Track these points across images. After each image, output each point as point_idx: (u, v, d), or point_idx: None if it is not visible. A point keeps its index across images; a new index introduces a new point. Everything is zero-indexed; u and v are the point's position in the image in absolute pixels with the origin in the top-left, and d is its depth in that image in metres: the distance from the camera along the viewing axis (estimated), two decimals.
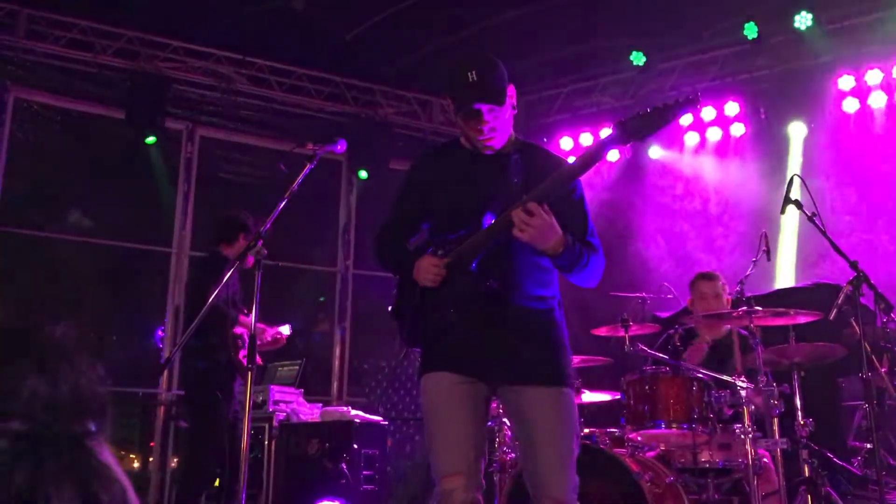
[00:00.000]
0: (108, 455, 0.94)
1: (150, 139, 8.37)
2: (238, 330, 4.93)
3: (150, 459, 8.36)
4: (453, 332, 2.80)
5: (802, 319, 4.25)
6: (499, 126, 2.82)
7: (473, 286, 2.75)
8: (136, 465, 9.41)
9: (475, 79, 2.74)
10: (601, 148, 2.69)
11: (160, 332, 8.87)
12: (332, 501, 5.40)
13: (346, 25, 8.72)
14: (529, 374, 2.79)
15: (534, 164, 2.83)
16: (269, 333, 5.40)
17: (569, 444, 2.77)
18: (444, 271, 2.77)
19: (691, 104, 2.55)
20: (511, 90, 2.86)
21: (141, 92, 8.24)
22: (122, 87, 8.32)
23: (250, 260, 5.29)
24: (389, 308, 3.04)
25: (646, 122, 2.55)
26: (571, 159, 2.85)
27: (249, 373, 3.21)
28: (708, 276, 5.25)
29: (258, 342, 4.95)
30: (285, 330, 5.55)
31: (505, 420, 4.83)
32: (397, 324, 3.02)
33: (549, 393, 2.78)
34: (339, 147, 3.56)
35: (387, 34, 8.74)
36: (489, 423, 3.90)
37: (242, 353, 4.89)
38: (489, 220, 2.73)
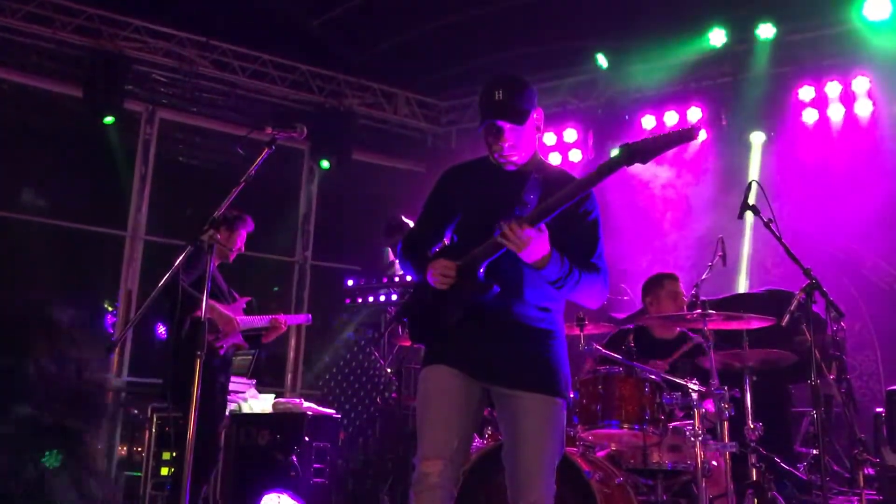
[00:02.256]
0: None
1: (109, 119, 8.21)
2: (199, 313, 4.78)
3: (99, 446, 8.20)
4: (457, 332, 2.93)
5: (755, 324, 4.29)
6: (519, 145, 2.99)
7: (479, 290, 2.88)
8: None
9: (501, 98, 2.92)
10: (606, 169, 2.79)
11: (111, 318, 8.71)
12: (280, 493, 5.34)
13: (313, 13, 8.63)
14: (525, 381, 2.90)
15: (551, 185, 2.94)
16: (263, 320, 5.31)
17: (552, 453, 2.89)
18: (454, 274, 2.89)
19: (693, 135, 2.67)
20: (538, 112, 3.04)
21: (100, 71, 8.07)
22: (81, 65, 8.14)
23: (231, 256, 5.23)
24: (400, 306, 3.17)
25: (650, 145, 2.66)
26: None
27: (198, 360, 3.14)
28: (674, 277, 5.30)
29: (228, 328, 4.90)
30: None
31: None
32: (406, 321, 3.17)
33: (541, 401, 2.90)
34: (299, 133, 3.49)
35: (354, 24, 8.67)
36: None
37: (212, 336, 4.79)
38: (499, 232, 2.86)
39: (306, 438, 6.01)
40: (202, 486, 4.76)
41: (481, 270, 2.88)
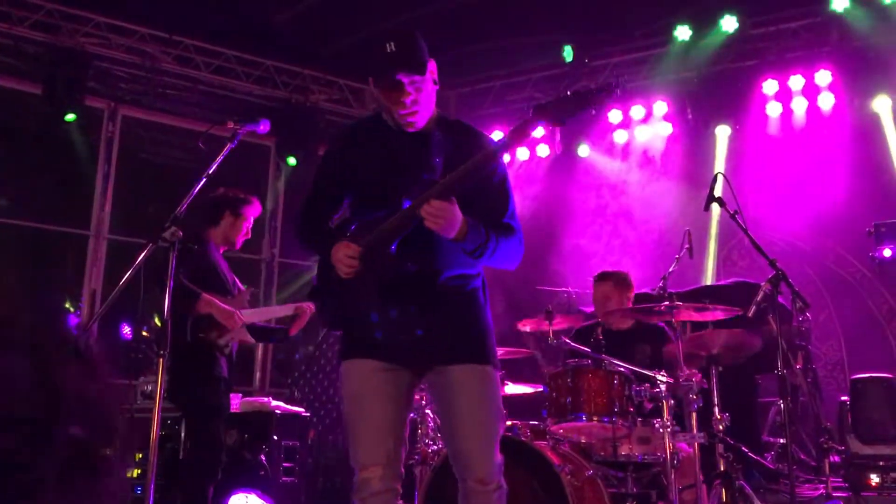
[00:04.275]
0: None
1: (70, 117, 8.06)
2: (204, 309, 4.46)
3: None
4: (373, 317, 2.73)
5: (722, 315, 4.31)
6: (421, 100, 2.74)
7: (392, 269, 2.68)
8: None
9: (394, 49, 2.66)
10: (516, 133, 2.63)
11: (74, 319, 8.57)
12: (249, 493, 5.28)
13: (278, 8, 8.54)
14: (452, 354, 2.74)
15: (457, 142, 2.78)
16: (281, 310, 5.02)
17: (493, 423, 2.74)
18: (358, 262, 2.67)
19: (610, 92, 2.53)
20: (432, 65, 2.78)
21: (60, 67, 7.92)
22: (41, 62, 7.99)
23: (239, 241, 4.99)
24: (311, 288, 2.96)
25: (565, 106, 2.52)
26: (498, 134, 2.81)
27: (161, 359, 3.07)
28: (603, 278, 5.21)
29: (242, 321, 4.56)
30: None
31: (428, 411, 4.80)
32: (317, 305, 2.95)
33: (472, 371, 2.74)
34: (261, 127, 3.42)
35: (319, 19, 8.59)
36: (411, 415, 3.84)
37: (215, 333, 4.52)
38: (408, 202, 2.66)
39: (275, 437, 5.95)
40: (209, 485, 4.46)
41: (393, 248, 2.67)
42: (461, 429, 2.72)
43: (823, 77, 7.74)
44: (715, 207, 4.46)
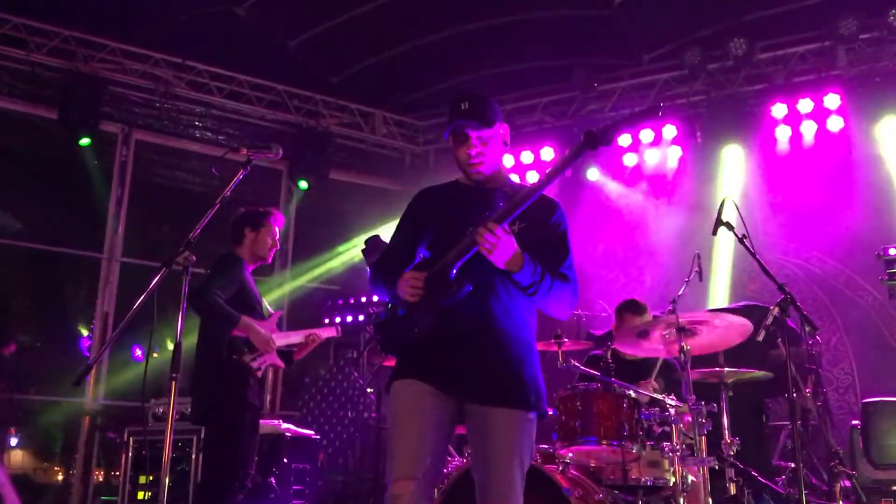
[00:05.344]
0: None
1: (85, 141, 8.17)
2: (242, 332, 4.49)
3: (72, 472, 8.10)
4: (429, 343, 2.89)
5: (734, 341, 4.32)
6: (487, 153, 3.05)
7: (450, 291, 2.84)
8: (59, 477, 9.14)
9: (466, 108, 3.02)
10: (570, 157, 2.84)
11: (87, 340, 8.63)
12: None
13: (290, 34, 8.66)
14: (498, 396, 2.86)
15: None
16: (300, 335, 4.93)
17: (522, 467, 2.86)
18: (422, 283, 2.88)
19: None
20: (504, 128, 3.11)
21: (75, 92, 8.05)
22: (57, 87, 8.11)
23: (270, 254, 4.97)
24: (374, 321, 3.10)
25: (610, 128, 2.72)
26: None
27: (174, 382, 3.10)
28: (636, 309, 5.27)
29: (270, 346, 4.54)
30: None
31: None
32: (379, 336, 3.13)
33: (514, 416, 2.86)
34: (274, 153, 3.46)
35: (331, 44, 8.69)
36: None
37: (249, 356, 4.52)
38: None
39: (285, 460, 5.96)
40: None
41: (453, 272, 2.86)
42: (496, 472, 2.82)
43: (832, 100, 7.75)
44: (724, 230, 4.48)
